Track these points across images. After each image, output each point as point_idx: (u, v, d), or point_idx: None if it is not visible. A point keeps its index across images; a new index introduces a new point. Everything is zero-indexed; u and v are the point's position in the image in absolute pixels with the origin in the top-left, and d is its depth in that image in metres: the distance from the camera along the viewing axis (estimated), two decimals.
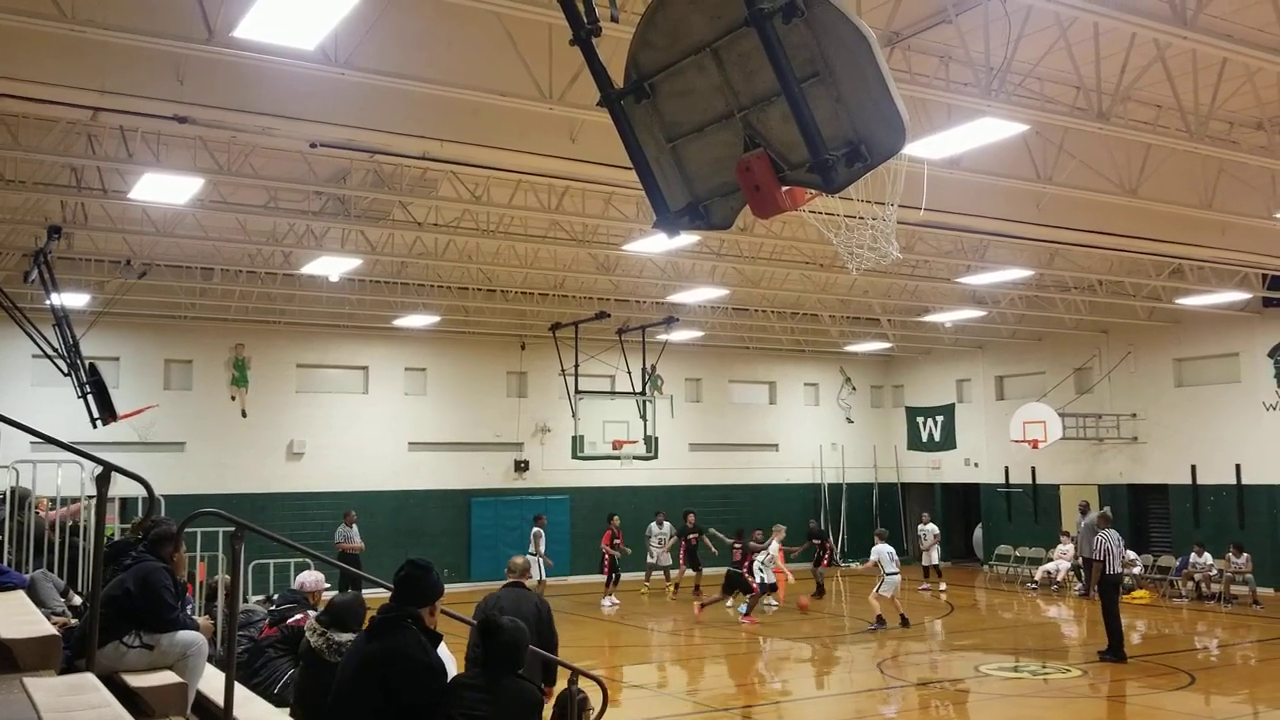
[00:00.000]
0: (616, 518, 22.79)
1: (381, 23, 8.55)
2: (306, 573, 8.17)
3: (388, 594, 4.77)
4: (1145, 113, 11.65)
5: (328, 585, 8.73)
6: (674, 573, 23.45)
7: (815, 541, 24.27)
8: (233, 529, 5.20)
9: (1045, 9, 8.37)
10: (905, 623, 18.42)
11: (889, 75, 3.59)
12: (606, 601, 21.31)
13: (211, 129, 10.21)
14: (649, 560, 23.07)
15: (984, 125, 10.14)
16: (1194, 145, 11.02)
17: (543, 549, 21.01)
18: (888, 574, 18.53)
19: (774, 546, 20.01)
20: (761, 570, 19.64)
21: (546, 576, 20.99)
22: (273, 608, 7.67)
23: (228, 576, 7.09)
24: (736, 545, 20.23)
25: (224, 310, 21.34)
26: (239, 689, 5.35)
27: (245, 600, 11.65)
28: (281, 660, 7.23)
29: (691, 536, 23.00)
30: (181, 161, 11.91)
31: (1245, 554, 21.03)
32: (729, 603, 20.04)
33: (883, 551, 18.77)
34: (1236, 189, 13.55)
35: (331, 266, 17.24)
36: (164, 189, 12.43)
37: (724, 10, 3.89)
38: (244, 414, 23.11)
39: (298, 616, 7.33)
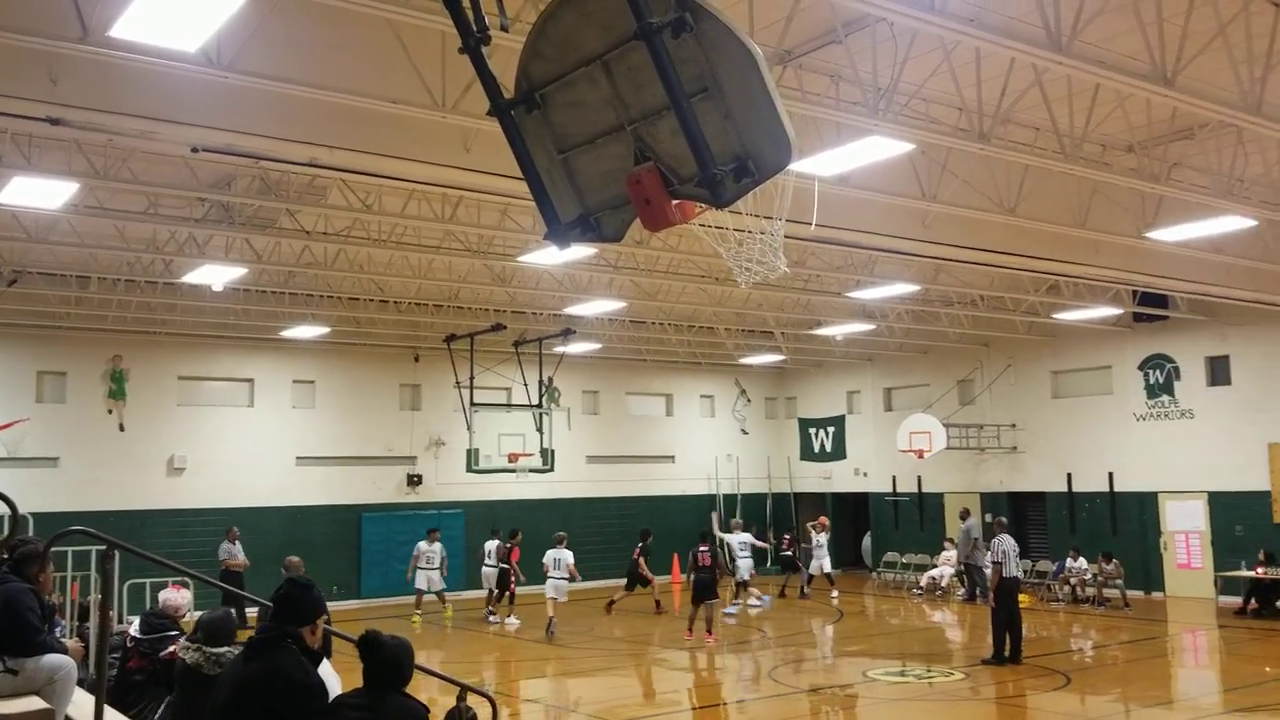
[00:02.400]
0: (519, 534, 21.91)
1: (267, 26, 8.35)
2: (167, 591, 7.84)
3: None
4: (1024, 134, 12.05)
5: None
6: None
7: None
8: (103, 548, 5.00)
9: (930, 32, 8.60)
10: (549, 631, 18.77)
11: (775, 93, 3.65)
12: (510, 619, 20.53)
13: (87, 131, 9.83)
14: (419, 585, 21.24)
15: (872, 144, 10.36)
16: (1069, 166, 11.43)
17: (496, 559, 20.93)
18: (549, 576, 19.44)
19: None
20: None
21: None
22: (137, 635, 7.29)
23: (99, 596, 6.82)
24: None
25: (101, 320, 20.57)
26: (110, 713, 5.15)
27: (120, 621, 11.24)
28: (155, 688, 6.96)
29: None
30: (55, 165, 11.44)
31: (1114, 561, 21.86)
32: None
33: (549, 556, 19.73)
34: (1109, 209, 14.11)
35: (215, 275, 16.76)
36: (35, 193, 11.90)
37: (614, 23, 3.90)
38: (122, 428, 22.30)
39: (170, 649, 7.03)
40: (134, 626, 7.64)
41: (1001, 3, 8.92)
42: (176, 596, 7.81)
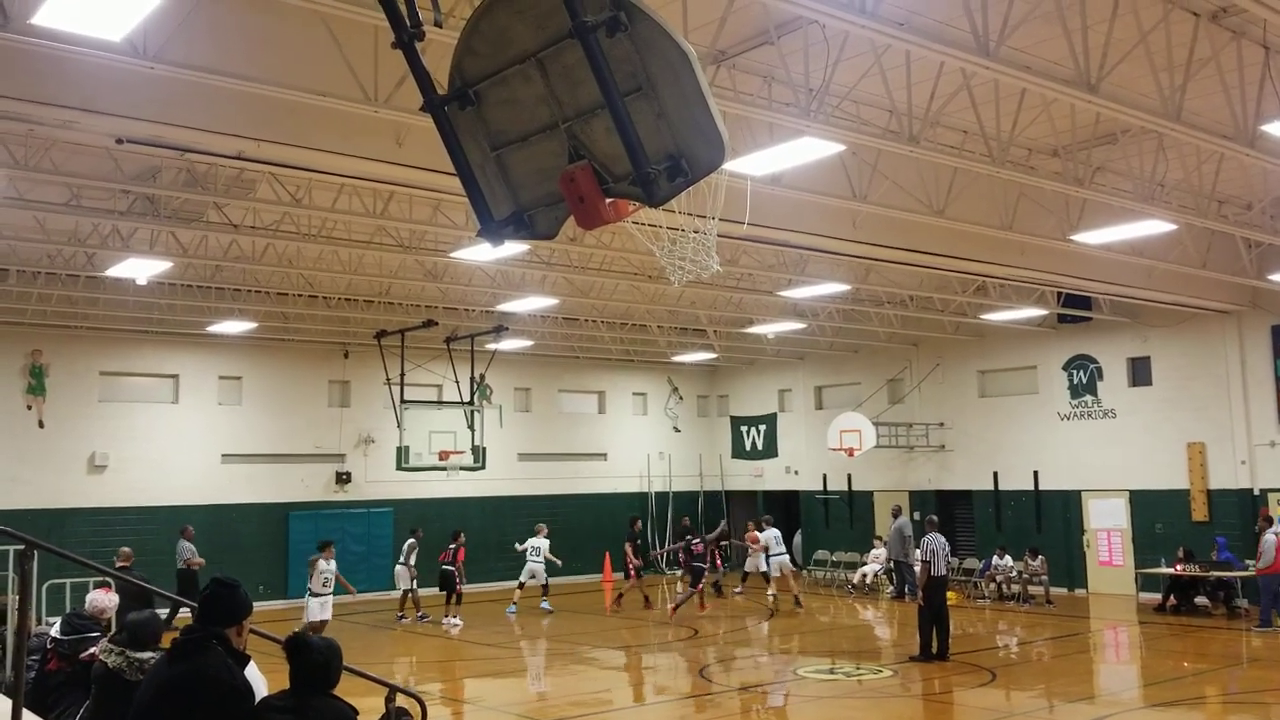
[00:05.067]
0: (461, 534, 21.36)
1: (195, 16, 8.21)
2: (96, 592, 7.63)
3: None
4: (952, 137, 12.25)
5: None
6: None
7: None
8: (21, 547, 4.88)
9: (861, 35, 8.71)
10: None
11: (709, 93, 3.67)
12: (451, 620, 20.17)
13: (7, 121, 9.58)
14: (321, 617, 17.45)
15: (804, 144, 10.47)
16: (996, 169, 11.64)
17: (413, 560, 20.76)
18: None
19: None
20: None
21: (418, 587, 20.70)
22: (57, 635, 7.05)
23: (17, 597, 6.63)
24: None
25: (20, 314, 20.05)
26: (29, 716, 5.02)
27: (39, 623, 10.96)
28: (75, 690, 6.75)
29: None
30: None
31: (1040, 556, 22.34)
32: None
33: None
34: (1034, 212, 14.40)
35: (139, 269, 16.39)
36: None
37: (549, 21, 3.89)
38: (41, 424, 21.75)
39: (91, 650, 6.83)
40: (54, 628, 7.42)
41: (931, 7, 9.07)
42: (104, 599, 7.61)
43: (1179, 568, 20.15)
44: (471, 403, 22.00)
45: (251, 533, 23.53)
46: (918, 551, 16.76)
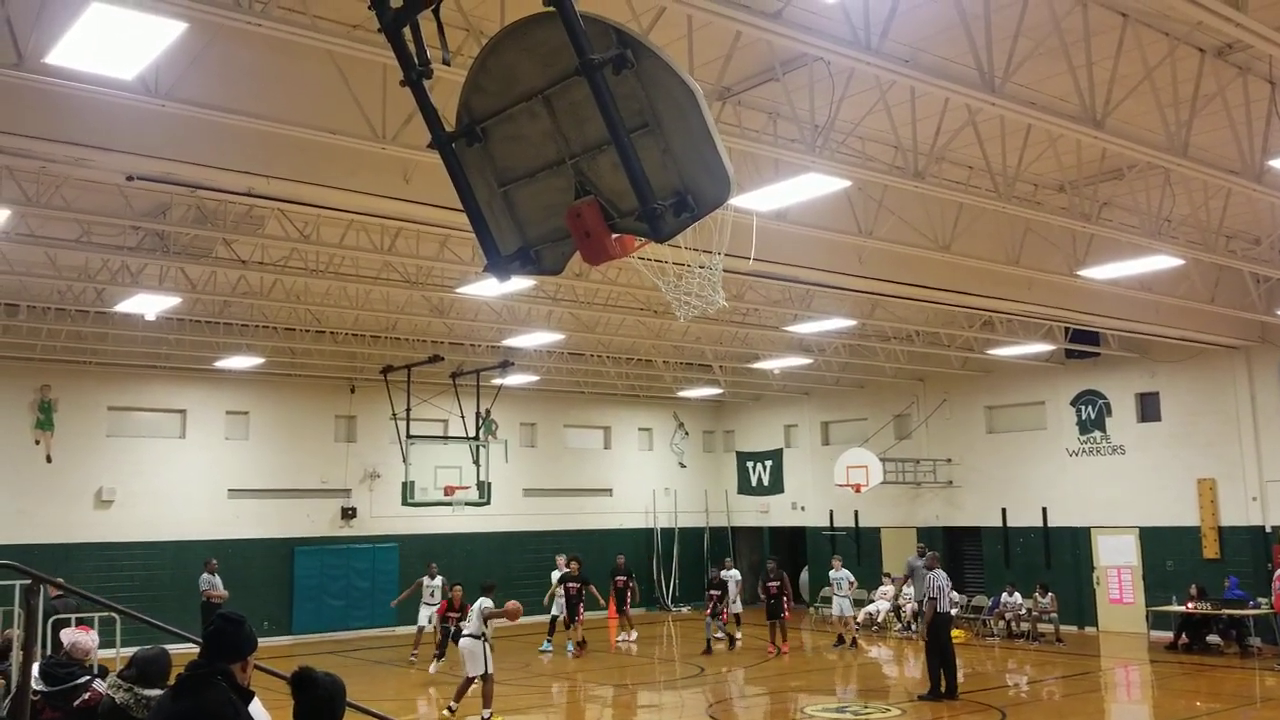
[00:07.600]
0: (459, 587, 19.74)
1: (206, 55, 8.29)
2: (74, 632, 7.33)
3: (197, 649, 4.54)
4: (958, 173, 12.29)
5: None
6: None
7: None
8: (28, 582, 4.86)
9: (866, 72, 8.75)
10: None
11: (715, 129, 3.69)
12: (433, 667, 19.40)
13: (18, 158, 9.66)
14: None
15: (809, 180, 10.51)
16: (1002, 205, 11.66)
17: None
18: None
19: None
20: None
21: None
22: (43, 688, 6.78)
23: (21, 632, 6.58)
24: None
25: (29, 349, 20.12)
26: None
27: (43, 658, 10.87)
28: None
29: (573, 585, 21.62)
30: None
31: (1050, 594, 22.17)
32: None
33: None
34: (1041, 247, 14.41)
35: (148, 304, 16.47)
36: None
37: (555, 59, 3.93)
38: (49, 459, 21.77)
39: (85, 697, 6.66)
40: (33, 678, 7.09)
41: (936, 44, 9.13)
42: (86, 639, 7.34)
43: (1191, 605, 19.97)
44: (477, 438, 21.95)
45: (257, 568, 23.44)
46: (910, 589, 16.64)
